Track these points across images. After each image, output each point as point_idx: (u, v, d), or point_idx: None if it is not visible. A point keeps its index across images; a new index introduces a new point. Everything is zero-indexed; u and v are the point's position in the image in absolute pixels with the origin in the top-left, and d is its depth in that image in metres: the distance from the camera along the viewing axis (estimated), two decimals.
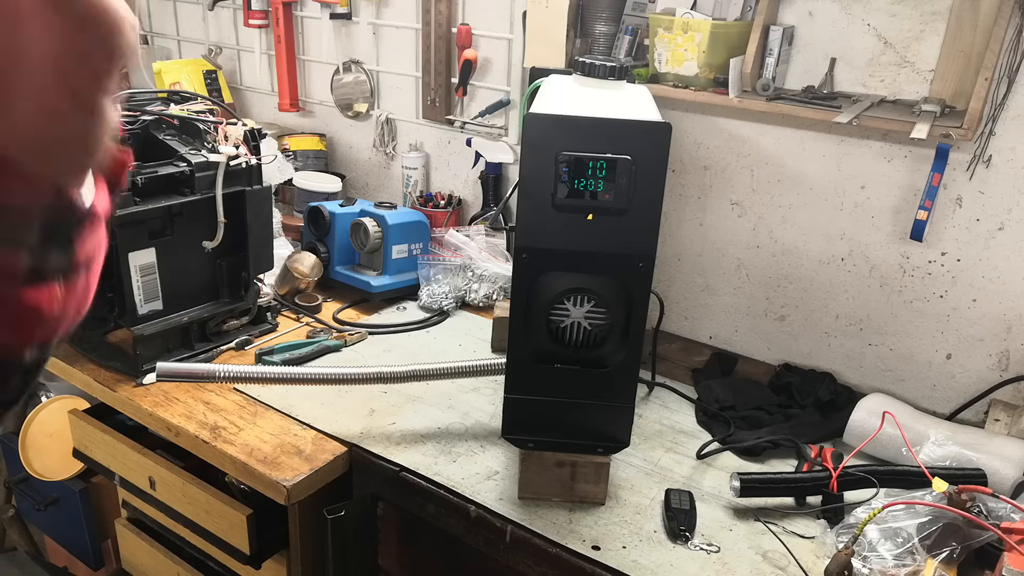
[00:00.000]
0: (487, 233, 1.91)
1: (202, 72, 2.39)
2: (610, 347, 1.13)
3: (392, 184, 2.25)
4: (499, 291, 1.84)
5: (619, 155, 1.02)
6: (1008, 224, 1.39)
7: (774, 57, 1.48)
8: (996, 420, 1.41)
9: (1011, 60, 1.28)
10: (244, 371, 1.28)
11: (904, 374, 1.56)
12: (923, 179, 1.41)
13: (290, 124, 2.39)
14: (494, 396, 1.47)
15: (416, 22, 2.01)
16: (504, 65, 1.92)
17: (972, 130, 1.31)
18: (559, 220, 1.06)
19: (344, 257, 1.88)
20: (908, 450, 1.24)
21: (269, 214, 1.60)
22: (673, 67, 1.54)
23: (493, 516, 1.17)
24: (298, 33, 2.28)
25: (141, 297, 1.45)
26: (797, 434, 1.37)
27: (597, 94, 1.14)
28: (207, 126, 1.49)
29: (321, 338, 1.62)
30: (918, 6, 1.38)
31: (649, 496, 1.23)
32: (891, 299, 1.54)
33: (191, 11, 2.52)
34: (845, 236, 1.56)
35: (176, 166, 1.43)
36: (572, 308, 1.11)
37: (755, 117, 1.58)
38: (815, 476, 1.21)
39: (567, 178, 1.03)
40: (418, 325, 1.75)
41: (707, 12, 1.51)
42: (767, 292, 1.68)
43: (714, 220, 1.70)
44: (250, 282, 1.60)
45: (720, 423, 1.43)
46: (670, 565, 1.09)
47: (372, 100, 2.19)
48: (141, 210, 1.38)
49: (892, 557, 1.04)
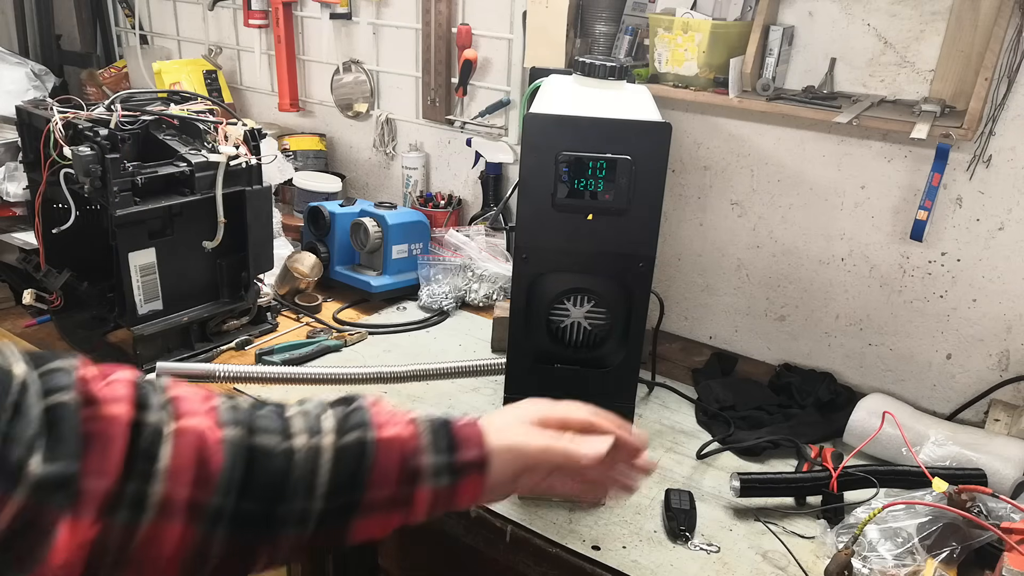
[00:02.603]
0: (487, 233, 1.91)
1: (202, 72, 2.39)
2: (610, 347, 1.13)
3: (392, 184, 2.25)
4: (499, 291, 1.84)
5: (619, 155, 1.02)
6: (1008, 224, 1.39)
7: (774, 57, 1.48)
8: (996, 420, 1.41)
9: (1011, 60, 1.28)
10: (244, 371, 1.28)
11: (904, 374, 1.56)
12: (923, 179, 1.41)
13: (290, 124, 2.39)
14: (494, 396, 1.47)
15: (416, 22, 2.01)
16: (504, 65, 1.92)
17: (972, 130, 1.31)
18: (559, 220, 1.06)
19: (344, 257, 1.88)
20: (908, 450, 1.24)
21: (269, 214, 1.60)
22: (673, 67, 1.54)
23: (493, 516, 1.17)
24: (298, 33, 2.28)
25: (141, 297, 1.45)
26: (797, 434, 1.37)
27: (597, 94, 1.14)
28: (207, 126, 1.49)
29: (321, 338, 1.62)
30: (918, 6, 1.38)
31: (649, 496, 1.23)
32: (891, 299, 1.54)
33: (191, 11, 2.52)
34: (845, 236, 1.56)
35: (176, 166, 1.43)
36: (572, 308, 1.11)
37: (755, 117, 1.57)
38: (815, 476, 1.21)
39: (567, 178, 1.03)
40: (418, 325, 1.75)
41: (707, 12, 1.51)
42: (767, 292, 1.68)
43: (714, 220, 1.70)
44: (250, 282, 1.60)
45: (720, 423, 1.43)
46: (670, 565, 1.09)
47: (372, 100, 2.19)
48: (141, 210, 1.38)
49: (892, 557, 1.04)
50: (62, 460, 0.54)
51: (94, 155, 1.31)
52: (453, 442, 0.72)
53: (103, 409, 0.58)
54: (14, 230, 1.74)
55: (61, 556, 0.54)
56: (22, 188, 1.70)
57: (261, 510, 0.64)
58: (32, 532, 0.52)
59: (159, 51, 2.57)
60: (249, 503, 0.63)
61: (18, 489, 0.51)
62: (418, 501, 0.70)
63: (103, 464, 0.56)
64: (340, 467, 0.67)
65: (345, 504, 0.67)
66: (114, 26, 2.75)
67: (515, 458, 0.75)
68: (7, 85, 2.18)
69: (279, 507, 0.64)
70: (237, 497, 0.63)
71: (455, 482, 0.71)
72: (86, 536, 0.56)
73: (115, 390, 0.61)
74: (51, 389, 0.56)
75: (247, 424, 0.66)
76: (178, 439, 0.61)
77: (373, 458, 0.68)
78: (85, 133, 1.34)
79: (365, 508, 0.68)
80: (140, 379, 0.64)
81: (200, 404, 0.65)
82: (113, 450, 0.57)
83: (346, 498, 0.67)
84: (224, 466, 0.62)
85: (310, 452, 0.67)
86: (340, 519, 0.67)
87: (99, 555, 0.57)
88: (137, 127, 1.41)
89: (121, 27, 2.74)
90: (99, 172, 1.32)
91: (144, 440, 0.59)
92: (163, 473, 0.59)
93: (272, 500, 0.64)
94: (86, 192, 1.34)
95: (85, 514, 0.55)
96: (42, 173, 1.40)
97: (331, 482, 0.66)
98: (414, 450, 0.70)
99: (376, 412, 0.72)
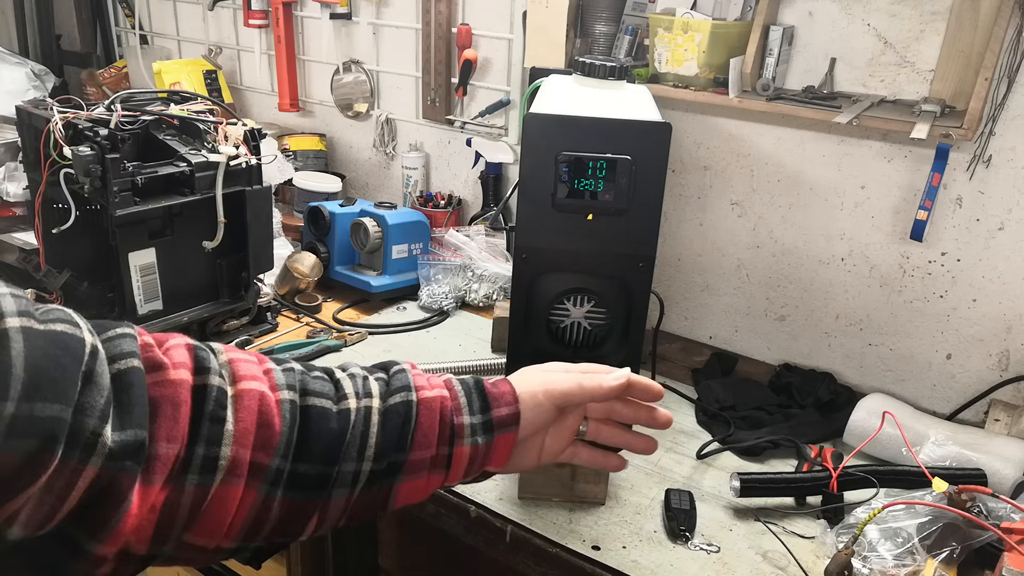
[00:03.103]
0: (487, 233, 1.91)
1: (202, 72, 2.39)
2: (610, 347, 1.13)
3: (392, 184, 2.25)
4: (499, 291, 1.84)
5: (619, 155, 1.02)
6: (1008, 224, 1.39)
7: (774, 57, 1.48)
8: (996, 420, 1.41)
9: (1011, 60, 1.28)
10: None
11: (904, 374, 1.56)
12: (923, 179, 1.41)
13: (290, 124, 2.39)
14: None
15: (416, 22, 2.01)
16: (504, 65, 1.92)
17: (972, 130, 1.31)
18: (559, 220, 1.06)
19: (344, 257, 1.88)
20: (908, 450, 1.24)
21: (269, 214, 1.60)
22: (673, 67, 1.54)
23: (493, 516, 1.17)
24: (298, 33, 2.28)
25: (141, 297, 1.45)
26: (797, 434, 1.37)
27: (597, 94, 1.14)
28: (207, 126, 1.49)
29: (321, 338, 1.62)
30: (918, 6, 1.38)
31: (649, 496, 1.23)
32: (891, 299, 1.54)
33: (191, 11, 2.52)
34: (845, 236, 1.56)
35: (176, 166, 1.43)
36: (572, 308, 1.11)
37: (755, 117, 1.58)
38: (815, 476, 1.21)
39: (567, 178, 1.03)
40: (418, 325, 1.75)
41: (707, 12, 1.51)
42: (767, 292, 1.68)
43: (714, 220, 1.70)
44: (250, 282, 1.60)
45: (720, 423, 1.43)
46: (670, 565, 1.09)
47: (372, 100, 2.19)
48: (141, 210, 1.38)
49: (892, 557, 1.04)
50: (133, 427, 0.54)
51: (94, 155, 1.31)
52: (487, 401, 0.75)
53: (168, 374, 0.59)
54: (14, 230, 1.74)
55: (133, 521, 0.55)
56: (22, 188, 1.70)
57: (316, 472, 0.65)
58: (106, 499, 0.53)
59: (159, 51, 2.57)
60: (305, 464, 0.64)
61: (92, 459, 0.51)
62: (457, 460, 0.72)
63: (172, 429, 0.57)
64: (387, 429, 0.69)
65: (391, 465, 0.69)
66: (114, 26, 2.75)
67: (548, 397, 0.77)
68: (7, 85, 2.19)
69: (333, 469, 0.66)
70: (295, 459, 0.64)
71: (490, 439, 0.74)
72: (157, 500, 0.57)
73: (176, 355, 0.61)
74: (117, 355, 0.56)
75: (301, 387, 0.67)
76: (240, 402, 0.62)
77: (416, 419, 0.70)
78: (85, 133, 1.34)
79: (409, 469, 0.70)
80: (197, 344, 0.64)
81: (256, 367, 0.66)
82: (181, 415, 0.58)
83: (392, 459, 0.69)
84: (283, 429, 0.63)
85: (361, 414, 0.68)
86: (386, 480, 0.69)
87: (169, 518, 0.58)
88: (137, 127, 1.41)
89: (121, 27, 2.74)
90: (99, 172, 1.32)
91: (209, 404, 0.60)
92: (229, 436, 0.60)
93: (327, 462, 0.65)
94: (86, 192, 1.34)
95: (156, 479, 0.56)
96: (42, 173, 1.40)
97: (379, 444, 0.68)
98: (452, 410, 0.73)
99: (416, 375, 0.74)
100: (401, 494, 0.71)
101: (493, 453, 0.74)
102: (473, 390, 0.75)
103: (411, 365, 0.76)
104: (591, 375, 0.80)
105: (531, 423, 0.77)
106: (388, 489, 0.70)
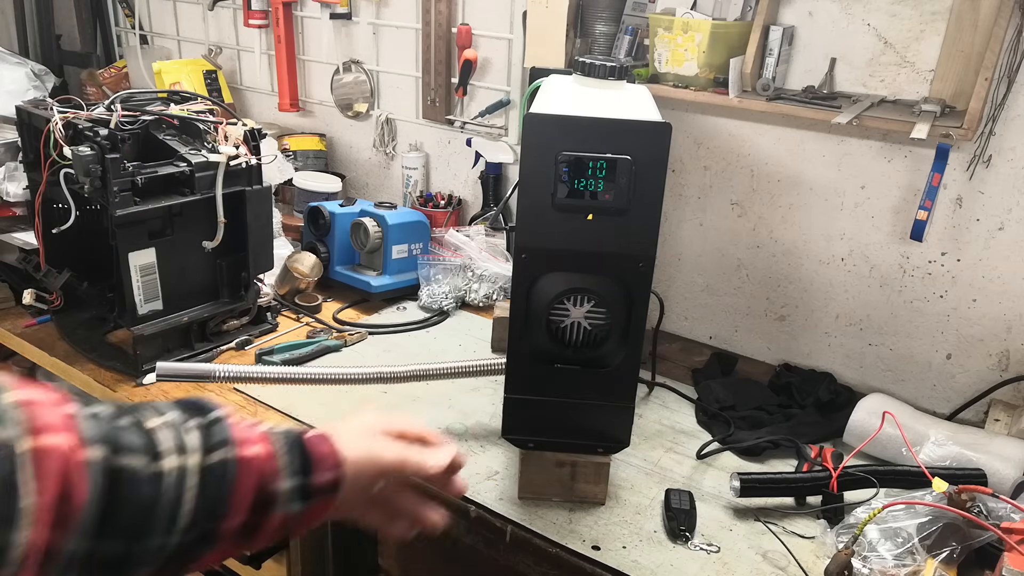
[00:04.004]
0: (487, 233, 1.91)
1: (202, 72, 2.39)
2: (610, 347, 1.13)
3: (392, 184, 2.25)
4: (499, 291, 1.84)
5: (619, 155, 1.02)
6: (1008, 224, 1.39)
7: (774, 57, 1.48)
8: (996, 420, 1.41)
9: (1011, 60, 1.28)
10: (244, 371, 1.28)
11: (904, 374, 1.56)
12: (923, 179, 1.41)
13: (290, 124, 2.39)
14: (494, 396, 1.46)
15: (416, 22, 2.01)
16: (504, 65, 1.92)
17: (972, 130, 1.31)
18: (559, 220, 1.06)
19: (344, 257, 1.88)
20: (908, 450, 1.24)
21: (269, 214, 1.60)
22: (673, 67, 1.54)
23: (493, 516, 1.17)
24: (298, 33, 2.28)
25: (141, 297, 1.45)
26: (797, 434, 1.37)
27: (597, 94, 1.14)
28: (207, 126, 1.49)
29: (321, 338, 1.62)
30: (918, 6, 1.38)
31: (649, 496, 1.23)
32: (891, 299, 1.54)
33: (191, 11, 2.52)
34: (845, 236, 1.56)
35: (176, 166, 1.43)
36: (572, 308, 1.11)
37: (755, 117, 1.58)
38: (815, 476, 1.21)
39: (567, 178, 1.03)
40: (418, 325, 1.75)
41: (707, 12, 1.51)
42: (767, 292, 1.68)
43: (714, 220, 1.70)
44: (250, 282, 1.60)
45: (720, 423, 1.43)
46: (670, 565, 1.09)
47: (372, 100, 2.19)
48: (141, 210, 1.38)
49: (892, 557, 1.04)
50: None
51: (94, 155, 1.31)
52: (308, 462, 0.67)
53: None
54: (14, 230, 1.74)
55: None
56: (22, 188, 1.70)
57: (119, 550, 0.54)
58: None
59: (159, 51, 2.57)
60: (108, 543, 0.54)
61: None
62: (265, 529, 0.64)
63: None
64: (206, 493, 0.59)
65: (201, 536, 0.60)
66: (114, 26, 2.74)
67: (372, 467, 0.72)
68: (7, 85, 2.18)
69: (138, 545, 0.55)
70: (96, 537, 0.52)
71: (306, 507, 0.66)
72: None
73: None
74: None
75: (112, 440, 0.55)
76: (39, 464, 0.48)
77: (234, 482, 0.61)
78: (85, 133, 1.34)
79: (218, 538, 0.61)
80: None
81: (55, 411, 0.52)
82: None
83: (204, 527, 0.60)
84: (88, 499, 0.51)
85: (174, 476, 0.58)
86: (189, 553, 0.60)
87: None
88: (137, 127, 1.41)
89: (121, 27, 2.74)
90: (99, 172, 1.32)
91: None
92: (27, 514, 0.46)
93: (133, 537, 0.55)
94: (86, 192, 1.34)
95: None
96: (42, 173, 1.40)
97: (194, 511, 0.58)
98: (271, 473, 0.64)
99: (234, 426, 0.65)
100: (196, 566, 0.62)
101: (306, 519, 0.67)
102: (295, 447, 0.67)
103: (227, 410, 0.66)
104: (416, 452, 0.75)
105: (354, 484, 0.70)
106: (186, 563, 0.60)
